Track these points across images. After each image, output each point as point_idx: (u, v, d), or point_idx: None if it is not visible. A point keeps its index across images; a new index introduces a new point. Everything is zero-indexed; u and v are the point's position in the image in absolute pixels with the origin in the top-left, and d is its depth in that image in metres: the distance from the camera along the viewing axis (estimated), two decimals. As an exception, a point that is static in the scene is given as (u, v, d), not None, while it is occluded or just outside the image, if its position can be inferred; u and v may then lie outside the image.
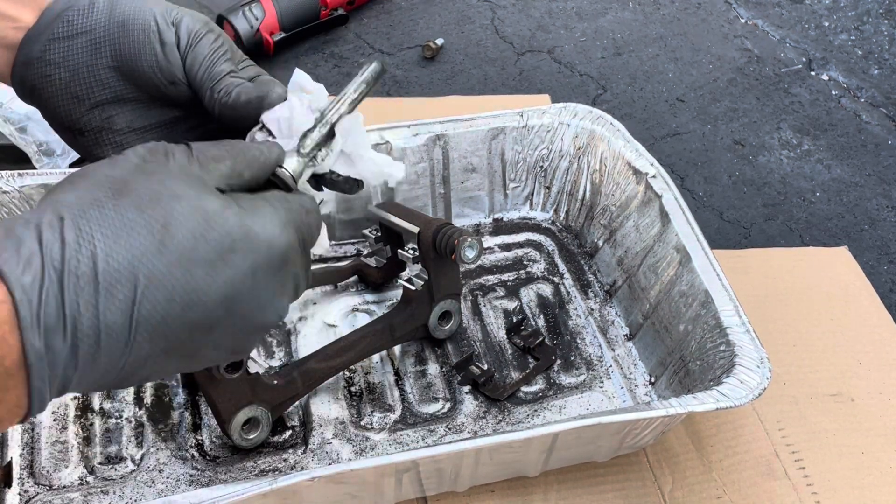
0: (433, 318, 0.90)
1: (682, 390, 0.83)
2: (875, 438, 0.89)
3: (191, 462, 0.80)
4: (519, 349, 0.93)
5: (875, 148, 1.64)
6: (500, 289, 1.00)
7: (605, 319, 0.96)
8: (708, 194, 1.53)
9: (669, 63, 1.85)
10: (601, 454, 0.82)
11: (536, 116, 1.04)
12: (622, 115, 1.68)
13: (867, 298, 1.03)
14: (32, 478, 0.78)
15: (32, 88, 0.54)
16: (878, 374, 0.95)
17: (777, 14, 2.01)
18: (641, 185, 0.96)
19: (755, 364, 0.77)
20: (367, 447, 0.82)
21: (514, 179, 1.07)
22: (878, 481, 0.85)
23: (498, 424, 0.85)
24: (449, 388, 0.89)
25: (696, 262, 0.87)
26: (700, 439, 0.87)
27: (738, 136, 1.66)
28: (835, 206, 1.51)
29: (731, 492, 0.83)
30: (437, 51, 1.83)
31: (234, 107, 0.54)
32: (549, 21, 1.97)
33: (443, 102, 1.43)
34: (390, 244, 0.94)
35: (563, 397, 0.88)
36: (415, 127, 1.01)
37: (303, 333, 0.93)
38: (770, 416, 0.89)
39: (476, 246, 0.84)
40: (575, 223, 1.06)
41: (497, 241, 1.05)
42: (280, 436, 0.83)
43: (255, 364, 0.80)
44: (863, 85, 1.80)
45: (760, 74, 1.82)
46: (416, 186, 1.03)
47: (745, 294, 0.85)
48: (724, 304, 0.82)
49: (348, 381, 0.88)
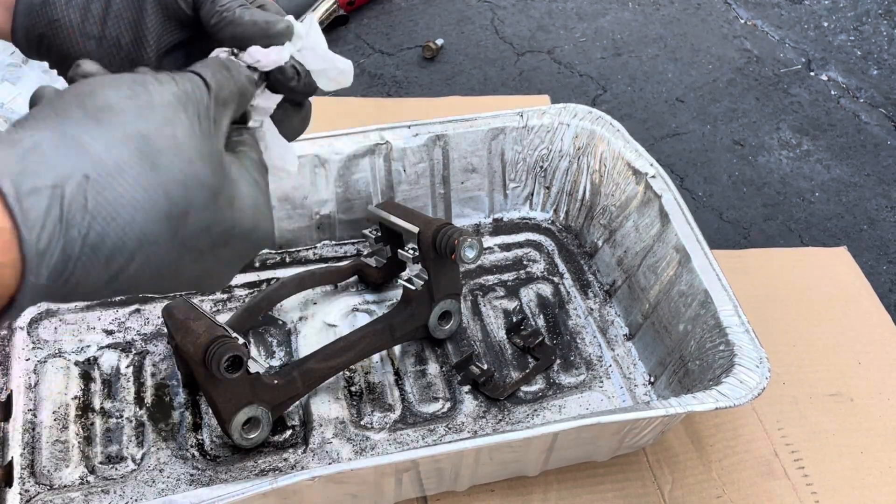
0: (433, 318, 0.90)
1: (681, 390, 0.84)
2: (874, 438, 0.89)
3: (191, 461, 0.80)
4: (519, 349, 0.93)
5: (874, 148, 1.64)
6: (500, 289, 1.00)
7: (604, 319, 0.97)
8: (707, 194, 1.53)
9: (669, 63, 1.85)
10: (601, 454, 0.82)
11: (536, 117, 1.04)
12: (622, 115, 1.69)
13: (866, 298, 1.03)
14: (33, 477, 0.79)
15: (40, 38, 0.52)
16: (877, 374, 0.95)
17: (776, 14, 2.01)
18: (641, 185, 0.97)
19: (754, 364, 0.77)
20: (367, 447, 0.83)
21: (513, 179, 1.07)
22: (878, 481, 0.85)
23: (498, 424, 0.85)
24: (449, 388, 0.89)
25: (695, 262, 0.87)
26: (700, 439, 0.87)
27: (738, 137, 1.66)
28: (834, 207, 1.51)
29: (731, 491, 0.83)
30: (437, 51, 1.83)
31: (238, 23, 0.50)
32: (548, 21, 1.97)
33: (443, 102, 1.43)
34: (390, 244, 0.95)
35: (563, 397, 0.89)
36: (415, 127, 1.01)
37: (303, 333, 0.93)
38: (769, 416, 0.90)
39: (476, 246, 0.84)
40: (575, 223, 1.06)
41: (497, 241, 1.06)
42: (280, 435, 0.83)
43: (256, 364, 0.80)
44: (862, 85, 1.80)
45: (760, 75, 1.82)
46: (416, 186, 1.03)
47: (744, 294, 0.86)
48: (723, 303, 0.83)
49: (348, 380, 0.88)
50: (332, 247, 1.03)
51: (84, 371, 0.88)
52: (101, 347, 0.90)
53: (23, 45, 0.53)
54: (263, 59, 0.50)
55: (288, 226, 1.00)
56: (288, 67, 0.50)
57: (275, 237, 1.00)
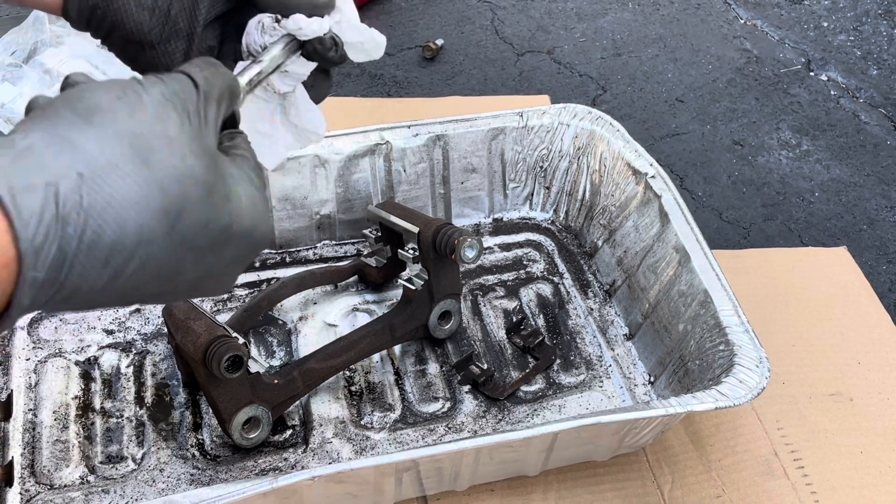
0: (433, 318, 0.90)
1: (681, 390, 0.84)
2: (874, 438, 0.89)
3: (191, 461, 0.81)
4: (519, 349, 0.93)
5: (874, 148, 1.64)
6: (499, 289, 1.00)
7: (604, 319, 0.97)
8: (707, 194, 1.53)
9: (669, 63, 1.85)
10: (601, 453, 0.82)
11: (536, 117, 1.04)
12: (622, 115, 1.69)
13: (866, 298, 1.03)
14: (33, 477, 0.79)
15: (93, 9, 0.54)
16: (877, 373, 0.95)
17: (776, 14, 2.01)
18: (641, 185, 0.97)
19: (754, 364, 0.77)
20: (368, 446, 0.83)
21: (513, 179, 1.07)
22: (877, 481, 0.85)
23: (498, 424, 0.86)
24: (449, 388, 0.89)
25: (695, 261, 0.87)
26: (699, 439, 0.87)
27: (738, 137, 1.66)
28: (834, 207, 1.51)
29: (731, 491, 0.83)
30: (437, 51, 1.83)
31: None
32: (548, 21, 1.97)
33: (443, 103, 1.43)
34: (390, 244, 0.95)
35: (563, 397, 0.89)
36: (415, 127, 1.01)
37: (303, 333, 0.93)
38: (769, 416, 0.90)
39: (476, 246, 0.84)
40: (574, 223, 1.06)
41: (497, 241, 1.06)
42: (280, 435, 0.83)
43: (256, 364, 0.80)
44: (861, 85, 1.80)
45: (760, 75, 1.82)
46: (416, 186, 1.03)
47: (744, 294, 0.86)
48: (723, 303, 0.83)
49: (348, 380, 0.89)
50: (332, 247, 1.03)
51: (84, 371, 0.88)
52: (101, 347, 0.90)
53: (73, 17, 0.54)
54: (306, 27, 0.52)
55: (288, 226, 1.00)
56: (327, 38, 0.53)
57: (274, 237, 1.00)
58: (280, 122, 0.57)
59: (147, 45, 0.55)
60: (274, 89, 0.55)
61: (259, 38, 0.54)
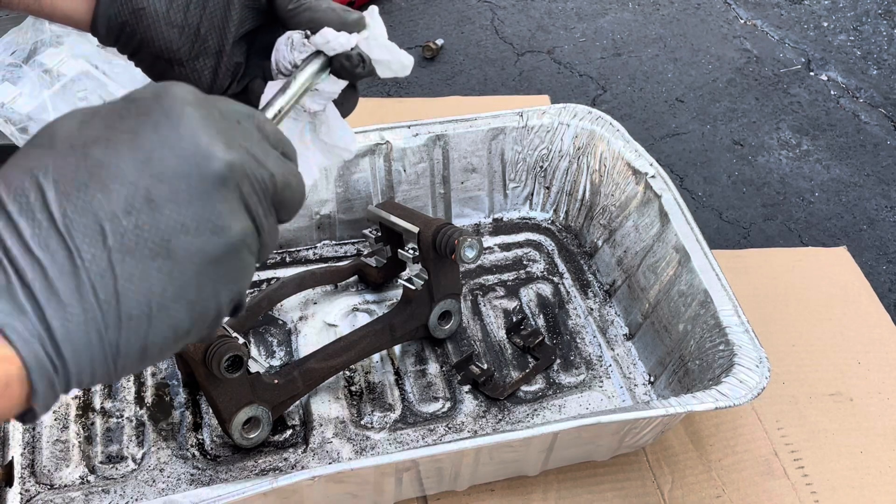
0: (433, 318, 0.90)
1: (681, 390, 0.84)
2: (874, 438, 0.89)
3: (192, 461, 0.81)
4: (519, 349, 0.93)
5: (874, 148, 1.64)
6: (499, 289, 1.00)
7: (604, 319, 0.97)
8: (707, 194, 1.53)
9: (669, 63, 1.85)
10: (601, 453, 0.82)
11: (536, 117, 1.04)
12: (622, 115, 1.69)
13: (866, 298, 1.03)
14: (33, 477, 0.79)
15: (122, 26, 0.54)
16: (876, 373, 0.95)
17: (776, 14, 2.01)
18: (641, 185, 0.97)
19: (754, 364, 0.77)
20: (368, 446, 0.83)
21: (513, 179, 1.07)
22: (877, 481, 0.85)
23: (498, 424, 0.86)
24: (449, 388, 0.89)
25: (695, 261, 0.87)
26: (699, 439, 0.87)
27: (738, 137, 1.66)
28: (834, 206, 1.51)
29: (731, 491, 0.83)
30: (438, 51, 1.83)
31: (316, 9, 0.54)
32: (548, 21, 1.97)
33: (443, 102, 1.43)
34: (390, 244, 0.95)
35: (563, 397, 0.89)
36: (415, 127, 1.01)
37: (303, 333, 0.93)
38: (769, 416, 0.90)
39: (476, 246, 0.84)
40: (574, 223, 1.06)
41: (497, 241, 1.06)
42: (280, 435, 0.83)
43: (256, 364, 0.80)
44: (861, 85, 1.80)
45: (760, 75, 1.82)
46: (416, 186, 1.03)
47: (744, 294, 0.86)
48: (723, 303, 0.83)
49: (348, 380, 0.89)
50: (333, 247, 1.03)
51: (84, 371, 0.88)
52: (101, 347, 0.90)
53: (102, 33, 0.54)
54: (334, 40, 0.52)
55: (288, 226, 1.00)
56: (354, 55, 0.53)
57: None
58: (310, 142, 0.57)
59: (176, 62, 0.55)
60: (304, 108, 0.55)
61: (289, 54, 0.54)
